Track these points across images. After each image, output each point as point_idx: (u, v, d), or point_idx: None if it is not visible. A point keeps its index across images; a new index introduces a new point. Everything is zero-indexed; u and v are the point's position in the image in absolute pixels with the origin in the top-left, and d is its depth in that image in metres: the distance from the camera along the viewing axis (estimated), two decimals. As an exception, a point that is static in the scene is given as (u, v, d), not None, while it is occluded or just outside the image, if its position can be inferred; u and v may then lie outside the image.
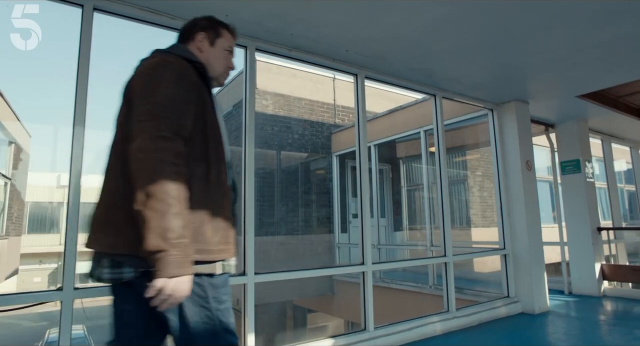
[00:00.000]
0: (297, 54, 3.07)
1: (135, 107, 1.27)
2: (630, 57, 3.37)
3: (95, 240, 1.31)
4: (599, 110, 5.03)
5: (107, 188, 1.34)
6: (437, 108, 4.04)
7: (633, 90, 4.70)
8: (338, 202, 7.40)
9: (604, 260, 5.31)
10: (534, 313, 4.15)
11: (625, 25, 2.81)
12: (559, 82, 3.95)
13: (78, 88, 2.18)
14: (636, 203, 8.25)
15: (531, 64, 3.48)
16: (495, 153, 4.57)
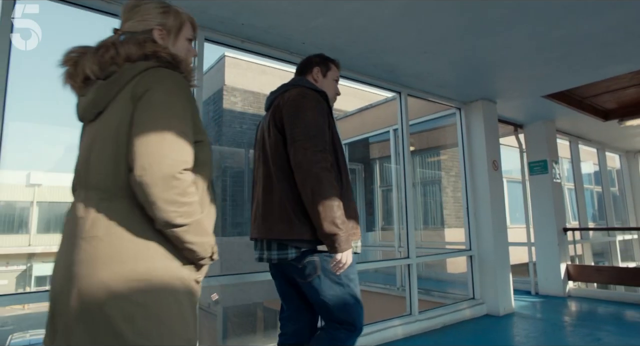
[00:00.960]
0: (250, 45, 2.91)
1: (288, 131, 1.64)
2: (590, 57, 3.34)
3: (265, 230, 1.68)
4: (565, 111, 5.04)
5: (268, 192, 1.70)
6: (402, 106, 3.94)
7: (598, 91, 4.71)
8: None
9: (569, 260, 5.32)
10: (499, 315, 4.10)
11: (583, 24, 2.76)
12: (523, 81, 3.90)
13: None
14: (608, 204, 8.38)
15: (494, 61, 3.41)
16: (462, 152, 4.51)
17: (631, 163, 8.15)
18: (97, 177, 1.02)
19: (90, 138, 1.07)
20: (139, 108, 1.00)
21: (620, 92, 4.78)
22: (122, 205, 1.00)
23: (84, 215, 0.99)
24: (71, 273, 0.95)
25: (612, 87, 4.59)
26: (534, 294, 5.28)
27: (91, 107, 1.08)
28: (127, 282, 0.94)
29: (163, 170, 0.95)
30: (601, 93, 4.80)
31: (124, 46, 1.08)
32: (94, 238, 0.96)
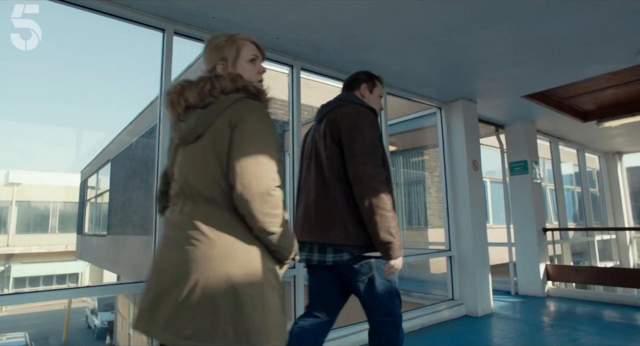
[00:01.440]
0: (223, 40, 2.82)
1: (347, 145, 1.79)
2: (568, 57, 3.33)
3: (320, 234, 1.80)
4: (545, 111, 5.05)
5: (322, 199, 1.83)
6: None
7: (576, 92, 4.73)
8: (293, 201, 7.15)
9: (549, 260, 5.34)
10: (477, 315, 4.08)
11: (560, 23, 2.74)
12: (502, 80, 3.89)
13: None
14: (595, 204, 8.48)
15: (474, 60, 3.38)
16: (442, 152, 4.48)
17: (610, 164, 8.26)
18: (204, 190, 1.23)
19: (192, 158, 1.28)
20: (235, 135, 1.20)
21: (599, 93, 4.81)
22: (227, 214, 1.21)
23: (197, 222, 1.19)
24: (188, 268, 1.15)
25: (590, 88, 4.61)
26: (513, 294, 5.29)
27: (193, 131, 1.26)
28: (238, 277, 1.15)
29: (260, 187, 1.17)
30: (580, 94, 4.82)
31: (220, 81, 1.27)
32: (210, 240, 1.17)
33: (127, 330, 14.51)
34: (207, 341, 1.10)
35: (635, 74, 4.21)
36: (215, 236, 1.18)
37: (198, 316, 1.12)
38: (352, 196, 1.75)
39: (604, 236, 7.67)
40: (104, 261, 12.48)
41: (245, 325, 1.13)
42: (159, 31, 2.60)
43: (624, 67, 3.65)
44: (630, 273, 4.96)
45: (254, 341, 1.13)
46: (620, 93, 4.83)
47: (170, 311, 1.14)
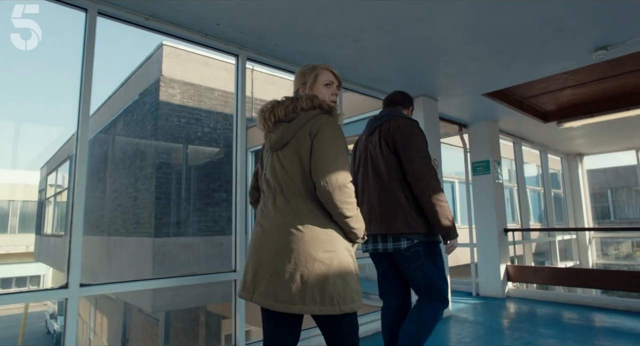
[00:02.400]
0: (157, 24, 2.59)
1: (404, 152, 2.13)
2: (523, 53, 3.25)
3: (386, 227, 2.15)
4: (507, 111, 5.01)
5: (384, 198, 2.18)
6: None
7: (536, 92, 4.70)
8: (246, 196, 6.91)
9: (509, 261, 5.31)
10: (434, 318, 3.96)
11: (513, 17, 2.64)
12: (461, 77, 3.79)
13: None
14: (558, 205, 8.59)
15: (429, 54, 3.25)
16: (401, 151, 4.35)
17: (571, 165, 8.39)
18: (291, 186, 1.54)
19: (280, 161, 1.58)
20: (315, 143, 1.52)
21: (558, 93, 4.80)
22: (311, 204, 1.52)
23: (288, 211, 1.52)
24: (283, 248, 1.47)
25: (549, 88, 4.59)
26: (474, 295, 5.24)
27: (280, 140, 1.58)
28: (321, 254, 1.46)
29: (338, 181, 1.48)
30: (540, 94, 4.80)
31: (300, 101, 1.61)
32: (299, 225, 1.48)
33: (87, 334, 13.91)
34: (299, 304, 1.42)
35: (592, 74, 4.20)
36: (302, 222, 1.50)
37: (292, 284, 1.43)
38: (409, 193, 2.13)
39: (564, 236, 7.77)
40: (61, 264, 11.90)
41: (328, 290, 1.44)
42: (80, 10, 2.35)
43: (580, 66, 3.60)
44: (588, 273, 4.97)
45: (336, 302, 1.44)
46: (579, 94, 4.83)
47: (269, 282, 1.47)
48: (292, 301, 1.42)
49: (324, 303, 1.43)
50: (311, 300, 1.42)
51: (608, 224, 17.25)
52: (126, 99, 7.29)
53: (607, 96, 4.93)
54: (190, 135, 6.39)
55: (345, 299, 1.46)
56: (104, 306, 11.73)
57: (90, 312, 13.45)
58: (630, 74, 4.18)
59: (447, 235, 2.08)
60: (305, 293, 1.43)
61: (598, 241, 8.71)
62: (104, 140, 8.62)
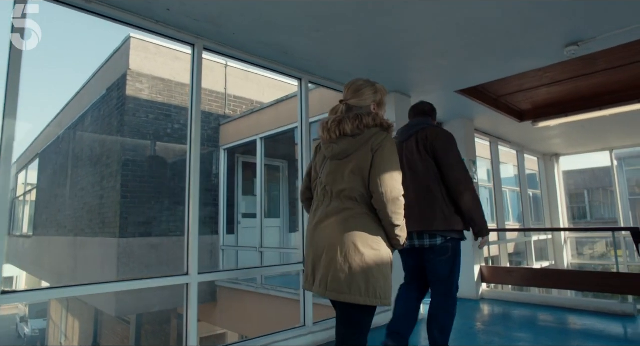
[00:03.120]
0: (99, 7, 2.38)
1: (443, 157, 2.38)
2: (493, 48, 3.15)
3: (426, 225, 2.35)
4: (482, 110, 4.93)
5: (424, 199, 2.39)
6: (302, 94, 3.57)
7: (511, 90, 4.63)
8: (225, 200, 6.73)
9: (484, 262, 5.23)
10: (404, 322, 3.84)
11: (482, 8, 2.51)
12: (433, 72, 3.67)
13: None
14: (537, 205, 8.60)
15: (397, 46, 3.12)
16: (373, 148, 4.22)
17: (548, 166, 8.40)
18: (348, 192, 1.73)
19: (340, 169, 1.77)
20: (376, 158, 1.71)
21: (533, 92, 4.74)
22: (364, 209, 1.72)
23: (343, 213, 1.71)
24: (336, 245, 1.68)
25: (524, 86, 4.51)
26: (448, 297, 5.14)
27: (344, 152, 1.77)
28: (368, 252, 1.66)
29: (393, 194, 1.68)
30: (515, 92, 4.73)
31: (365, 119, 1.76)
32: (351, 226, 1.69)
33: (59, 338, 13.46)
34: (347, 293, 1.62)
35: (566, 72, 4.14)
36: (355, 223, 1.69)
37: (341, 275, 1.63)
38: (446, 194, 2.36)
39: (540, 236, 7.78)
40: (29, 265, 11.46)
41: (372, 284, 1.63)
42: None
43: (552, 63, 3.52)
44: (559, 274, 4.93)
45: (378, 295, 1.64)
46: (554, 92, 4.78)
47: (323, 273, 1.68)
48: (340, 290, 1.64)
49: (367, 294, 1.63)
50: (357, 291, 1.63)
51: (584, 224, 17.52)
52: (94, 94, 7.00)
53: (580, 96, 4.89)
54: (159, 131, 6.14)
55: (385, 293, 1.69)
56: (75, 309, 11.37)
57: (62, 315, 13.03)
58: (602, 72, 4.14)
59: (481, 231, 2.39)
60: (352, 283, 1.63)
61: (574, 241, 8.76)
62: (72, 137, 8.28)
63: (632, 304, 4.01)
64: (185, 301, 2.63)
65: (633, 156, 14.43)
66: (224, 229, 6.66)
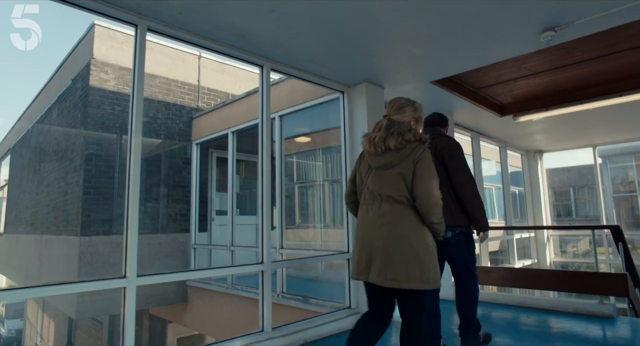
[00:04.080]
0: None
1: (451, 164, 2.76)
2: (466, 34, 2.94)
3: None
4: (462, 103, 4.75)
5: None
6: (263, 83, 3.32)
7: (489, 82, 4.45)
8: (197, 197, 6.45)
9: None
10: (374, 325, 3.63)
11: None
12: (405, 61, 3.45)
13: None
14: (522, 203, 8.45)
15: (365, 31, 2.88)
16: (344, 142, 4.00)
17: (531, 162, 8.27)
18: (395, 196, 2.04)
19: (385, 178, 2.09)
20: (417, 168, 2.02)
21: (512, 84, 4.55)
22: (410, 210, 2.03)
23: (394, 214, 2.03)
24: (390, 240, 1.99)
25: (502, 78, 4.33)
26: (425, 297, 4.95)
27: (389, 164, 2.08)
28: (418, 245, 1.98)
29: (434, 199, 2.01)
30: (494, 84, 4.54)
31: (406, 135, 2.06)
32: (402, 224, 2.01)
33: (34, 338, 13.08)
34: (404, 281, 1.93)
35: (544, 63, 3.96)
36: (405, 222, 2.01)
37: (398, 266, 1.95)
38: (454, 195, 2.73)
39: (523, 234, 7.65)
40: (0, 265, 11.05)
41: (425, 272, 1.94)
42: None
43: (529, 51, 3.33)
44: (539, 274, 4.76)
45: (430, 280, 1.95)
46: (533, 85, 4.60)
47: (380, 265, 1.98)
48: (398, 279, 1.93)
49: (422, 281, 1.93)
50: (413, 279, 1.92)
51: (570, 222, 17.56)
52: (61, 86, 6.66)
53: (561, 89, 4.72)
54: (126, 124, 5.81)
55: (435, 278, 1.98)
56: (51, 309, 11.03)
57: (37, 315, 12.67)
58: (581, 64, 3.97)
59: (482, 228, 2.78)
60: (409, 273, 1.92)
61: (557, 239, 8.66)
62: (40, 131, 7.92)
63: (611, 305, 3.86)
64: (122, 307, 2.38)
65: (618, 154, 14.43)
66: (196, 227, 6.39)
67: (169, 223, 6.12)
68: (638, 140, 7.32)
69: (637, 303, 4.15)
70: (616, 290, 3.88)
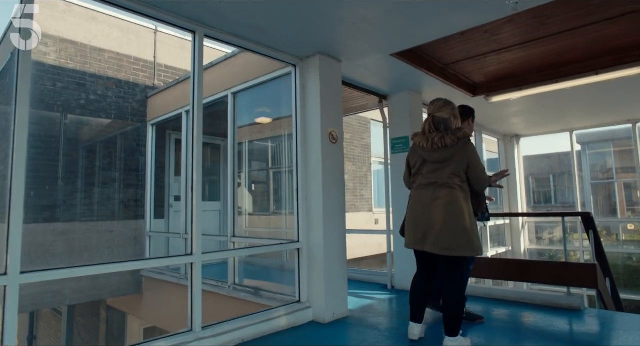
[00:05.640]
0: None
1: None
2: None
3: None
4: (430, 81, 4.40)
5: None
6: (195, 51, 2.92)
7: (459, 57, 4.10)
8: (153, 182, 6.03)
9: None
10: (324, 322, 3.34)
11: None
12: (361, 29, 3.07)
13: None
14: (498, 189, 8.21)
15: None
16: (295, 121, 3.63)
17: (508, 148, 8.02)
18: (450, 183, 2.57)
19: (442, 169, 2.60)
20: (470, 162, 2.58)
21: (482, 60, 4.21)
22: (461, 193, 2.56)
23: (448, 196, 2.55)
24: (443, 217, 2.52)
25: (472, 52, 3.98)
26: (390, 289, 4.69)
27: (443, 159, 2.60)
28: (466, 220, 2.52)
29: (484, 184, 2.66)
30: (463, 60, 4.19)
31: (453, 135, 2.59)
32: (454, 204, 2.53)
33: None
34: (455, 249, 2.47)
35: (515, 36, 3.63)
36: (458, 203, 2.54)
37: (450, 237, 2.48)
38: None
39: (497, 221, 7.44)
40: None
41: (471, 241, 2.50)
42: None
43: (497, 18, 2.98)
44: (506, 264, 4.50)
45: (474, 248, 2.50)
46: (505, 61, 4.27)
47: (435, 236, 2.52)
48: (450, 248, 2.48)
49: (469, 249, 2.49)
50: (461, 248, 2.48)
51: (548, 208, 17.59)
52: (1, 61, 6.11)
53: (534, 67, 4.41)
54: (70, 102, 5.35)
55: (480, 248, 2.55)
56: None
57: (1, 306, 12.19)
58: (554, 37, 3.64)
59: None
60: (460, 242, 2.47)
61: (532, 226, 8.49)
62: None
63: (579, 297, 3.62)
64: (3, 308, 2.01)
65: (596, 141, 14.36)
66: (151, 213, 5.98)
67: (121, 210, 5.71)
68: (614, 125, 7.10)
69: (607, 295, 3.93)
70: (585, 281, 3.64)
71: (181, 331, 2.71)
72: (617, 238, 11.40)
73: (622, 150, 13.59)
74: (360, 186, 9.41)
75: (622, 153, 13.63)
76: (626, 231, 11.13)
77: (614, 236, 11.48)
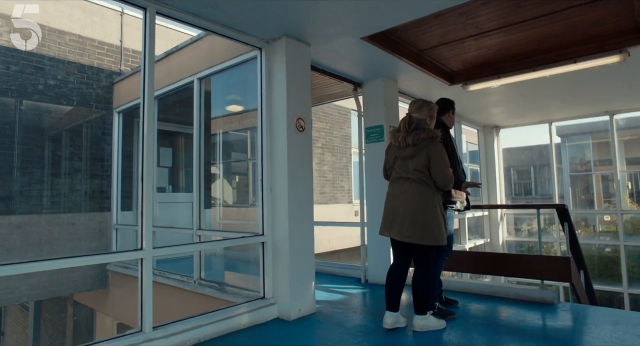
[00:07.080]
0: None
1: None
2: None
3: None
4: (405, 67, 4.24)
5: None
6: (146, 30, 2.69)
7: (434, 42, 3.95)
8: (119, 172, 5.76)
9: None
10: (290, 319, 3.18)
11: None
12: (329, 9, 2.88)
13: None
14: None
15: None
16: (260, 108, 3.43)
17: (487, 139, 7.95)
18: (416, 177, 2.78)
19: (408, 164, 2.82)
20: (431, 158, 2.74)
21: (459, 47, 4.06)
22: (426, 187, 2.77)
23: (414, 189, 2.77)
24: (409, 209, 2.74)
25: (448, 37, 3.83)
26: (363, 283, 4.56)
27: (411, 155, 2.81)
28: (429, 212, 2.73)
29: (447, 179, 2.78)
30: (438, 46, 4.03)
31: (421, 133, 2.78)
32: (419, 196, 2.75)
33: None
34: (418, 238, 2.70)
35: (491, 20, 3.48)
36: (419, 195, 2.75)
37: (411, 227, 2.71)
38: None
39: (476, 213, 7.38)
40: None
41: (431, 231, 2.70)
42: None
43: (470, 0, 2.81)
44: (479, 257, 4.40)
45: (435, 238, 2.71)
46: (483, 48, 4.13)
47: (400, 225, 2.76)
48: (411, 237, 2.72)
49: (428, 238, 2.70)
50: (420, 237, 2.70)
51: (528, 200, 17.75)
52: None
53: (513, 55, 4.28)
54: (26, 87, 5.02)
55: (442, 238, 2.75)
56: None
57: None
58: (531, 22, 3.51)
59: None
60: (420, 232, 2.70)
61: (511, 217, 8.48)
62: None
63: (552, 291, 3.54)
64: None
65: (576, 133, 14.46)
66: (118, 205, 5.72)
67: (85, 201, 5.43)
68: (592, 116, 7.07)
69: (580, 288, 3.87)
70: (559, 274, 3.56)
71: (129, 332, 2.52)
72: (594, 230, 11.52)
73: (600, 142, 13.72)
74: (340, 177, 9.26)
75: (600, 146, 13.76)
76: (603, 222, 11.26)
77: (591, 227, 11.61)
